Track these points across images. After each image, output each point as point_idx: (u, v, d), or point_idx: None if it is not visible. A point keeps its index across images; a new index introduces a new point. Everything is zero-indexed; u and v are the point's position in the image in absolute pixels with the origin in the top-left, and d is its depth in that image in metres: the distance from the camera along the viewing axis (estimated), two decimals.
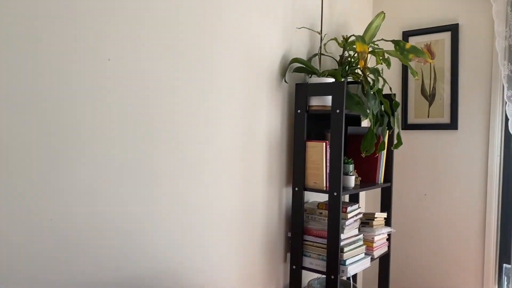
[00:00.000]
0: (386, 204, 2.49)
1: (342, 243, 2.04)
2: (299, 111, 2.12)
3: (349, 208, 2.10)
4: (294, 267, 2.14)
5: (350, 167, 2.16)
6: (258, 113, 2.00)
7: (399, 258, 2.80)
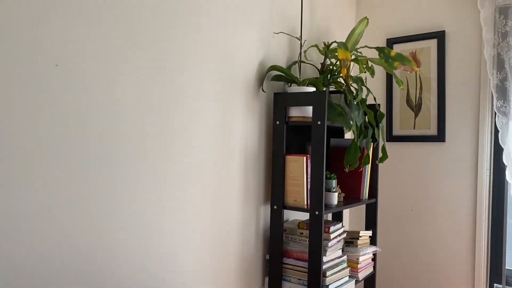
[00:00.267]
0: (371, 221, 2.34)
1: (325, 266, 1.88)
2: (277, 123, 1.96)
3: (332, 228, 1.94)
4: None
5: (333, 182, 2.01)
6: (233, 125, 1.83)
7: (385, 279, 2.64)
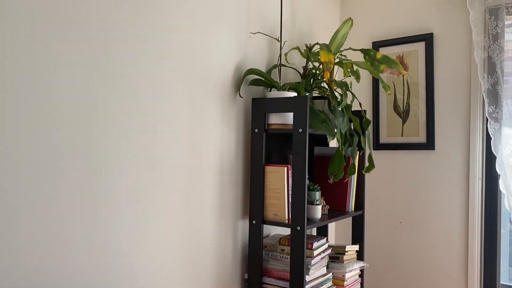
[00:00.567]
0: (358, 234, 2.20)
1: (308, 286, 1.73)
2: (256, 131, 1.82)
3: (315, 244, 1.79)
4: None
5: (316, 194, 1.87)
6: (207, 133, 1.68)
7: None
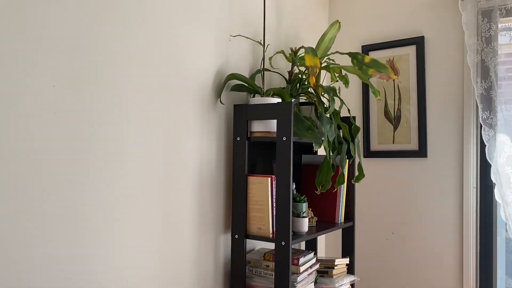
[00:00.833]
0: (348, 247, 2.10)
1: None
2: (238, 139, 1.72)
3: (301, 259, 1.69)
4: None
5: (303, 206, 1.76)
6: (185, 142, 1.58)
7: None
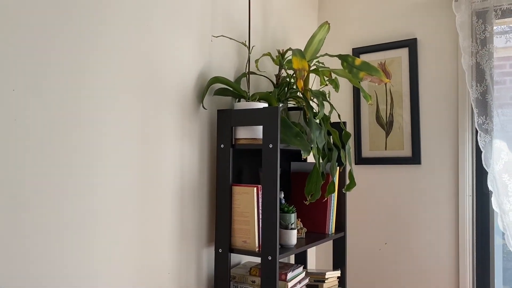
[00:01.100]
0: (339, 259, 2.00)
1: None
2: (222, 146, 1.61)
3: (289, 274, 1.59)
4: None
5: (292, 217, 1.66)
6: (164, 151, 1.47)
7: None
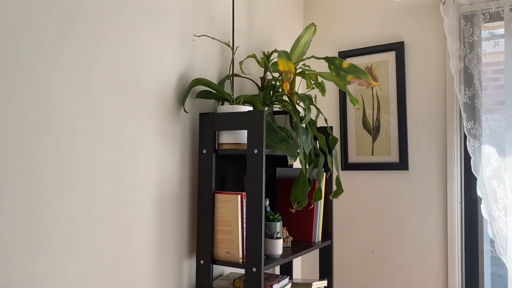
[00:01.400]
0: (326, 268, 1.93)
1: None
2: (204, 152, 1.54)
3: (275, 286, 1.51)
4: None
5: (277, 226, 1.59)
6: (141, 156, 1.38)
7: None
